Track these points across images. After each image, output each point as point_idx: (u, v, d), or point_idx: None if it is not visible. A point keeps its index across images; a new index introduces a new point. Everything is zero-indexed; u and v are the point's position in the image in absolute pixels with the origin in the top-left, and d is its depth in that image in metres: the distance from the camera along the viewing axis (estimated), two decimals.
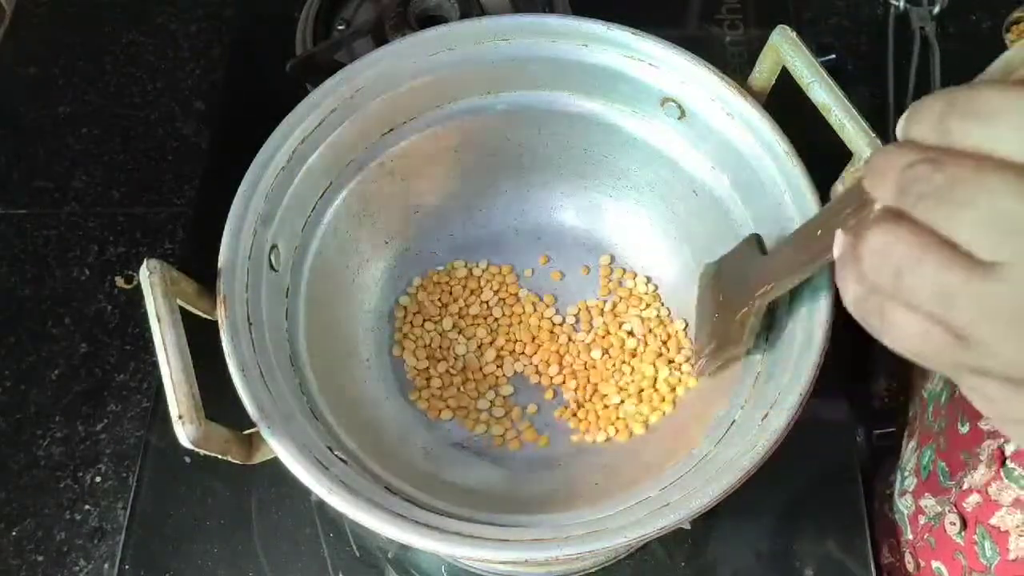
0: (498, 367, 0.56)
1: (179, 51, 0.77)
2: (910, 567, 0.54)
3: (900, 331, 0.26)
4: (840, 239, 0.29)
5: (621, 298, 0.57)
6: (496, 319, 0.58)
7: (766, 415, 0.40)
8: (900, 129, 0.27)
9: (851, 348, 0.61)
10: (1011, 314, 0.23)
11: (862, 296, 0.27)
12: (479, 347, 0.57)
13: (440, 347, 0.56)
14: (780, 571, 0.55)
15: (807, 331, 0.42)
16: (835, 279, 0.29)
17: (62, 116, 0.74)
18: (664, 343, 0.55)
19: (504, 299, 0.58)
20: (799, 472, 0.56)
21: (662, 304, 0.57)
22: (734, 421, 0.43)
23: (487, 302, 0.58)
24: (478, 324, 0.57)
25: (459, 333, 0.57)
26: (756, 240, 0.47)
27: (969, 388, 0.27)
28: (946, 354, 0.25)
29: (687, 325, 0.55)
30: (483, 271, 0.59)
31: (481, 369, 0.56)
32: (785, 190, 0.46)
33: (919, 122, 0.26)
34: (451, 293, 0.58)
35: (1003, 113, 0.24)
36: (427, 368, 0.55)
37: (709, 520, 0.57)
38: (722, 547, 0.56)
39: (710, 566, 0.56)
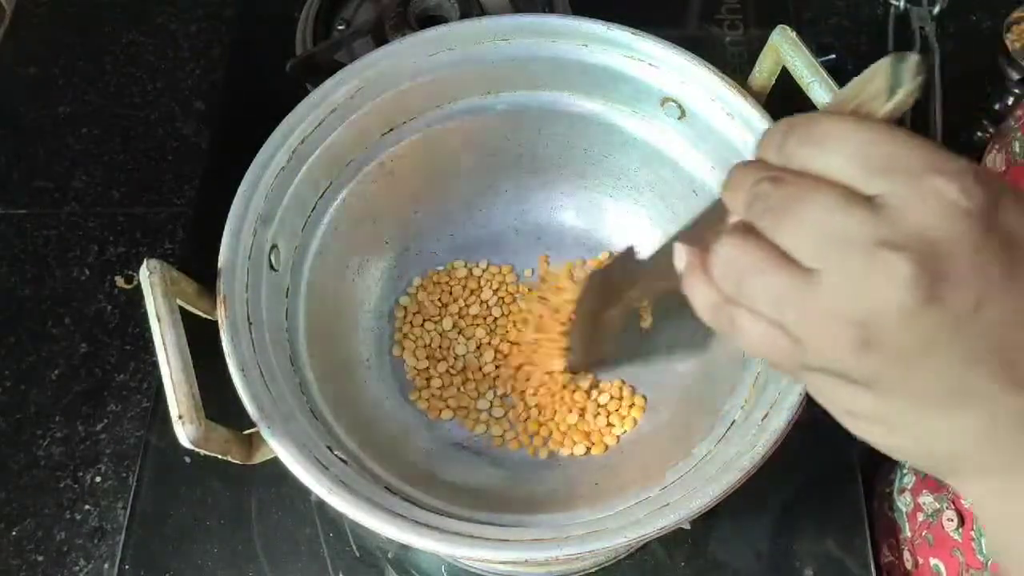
0: (498, 367, 0.56)
1: (179, 51, 0.77)
2: (908, 565, 0.54)
3: (748, 336, 0.29)
4: (680, 251, 0.32)
5: None
6: (496, 319, 0.58)
7: (766, 415, 0.40)
8: (757, 147, 0.30)
9: None
10: (827, 316, 0.26)
11: (713, 304, 0.30)
12: (479, 347, 0.57)
13: (440, 347, 0.56)
14: (780, 571, 0.55)
15: None
16: (684, 292, 0.32)
17: (62, 116, 0.74)
18: None
19: (504, 299, 0.58)
20: (799, 472, 0.56)
21: None
22: (734, 421, 0.43)
23: (487, 302, 0.58)
24: (478, 324, 0.57)
25: (459, 333, 0.57)
26: (630, 251, 0.49)
27: (809, 386, 0.30)
28: (787, 356, 0.28)
29: None
30: (483, 271, 0.59)
31: (481, 369, 0.56)
32: None
33: (767, 144, 0.29)
34: (451, 293, 0.58)
35: (832, 139, 0.27)
36: (427, 368, 0.55)
37: (709, 520, 0.57)
38: (722, 547, 0.56)
39: (710, 566, 0.56)
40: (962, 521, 0.48)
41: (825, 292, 0.26)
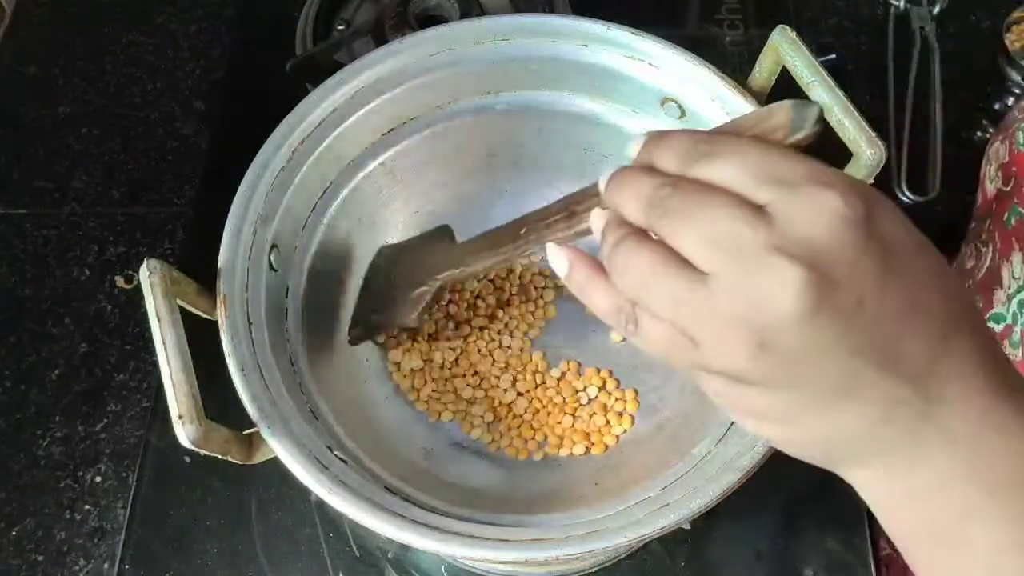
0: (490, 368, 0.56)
1: (179, 51, 0.77)
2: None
3: (648, 336, 0.30)
4: (560, 254, 0.34)
5: None
6: (491, 321, 0.57)
7: None
8: (639, 154, 0.32)
9: None
10: (721, 318, 0.27)
11: (614, 307, 0.31)
12: (471, 350, 0.56)
13: (437, 349, 0.56)
14: (780, 571, 0.55)
15: None
16: (578, 295, 0.33)
17: (62, 116, 0.74)
18: None
19: (502, 300, 0.58)
20: (799, 472, 0.56)
21: None
22: (734, 421, 0.43)
23: (485, 301, 0.58)
24: (475, 326, 0.57)
25: (456, 334, 0.57)
26: (447, 230, 0.52)
27: (705, 387, 0.31)
28: (685, 357, 0.29)
29: None
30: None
31: (476, 373, 0.56)
32: None
33: (665, 152, 0.30)
34: (448, 294, 0.58)
35: (731, 153, 0.29)
36: (423, 370, 0.55)
37: (709, 520, 0.57)
38: (722, 547, 0.56)
39: (710, 566, 0.56)
40: None
41: (719, 295, 0.27)
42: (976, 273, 0.48)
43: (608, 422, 0.53)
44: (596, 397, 0.54)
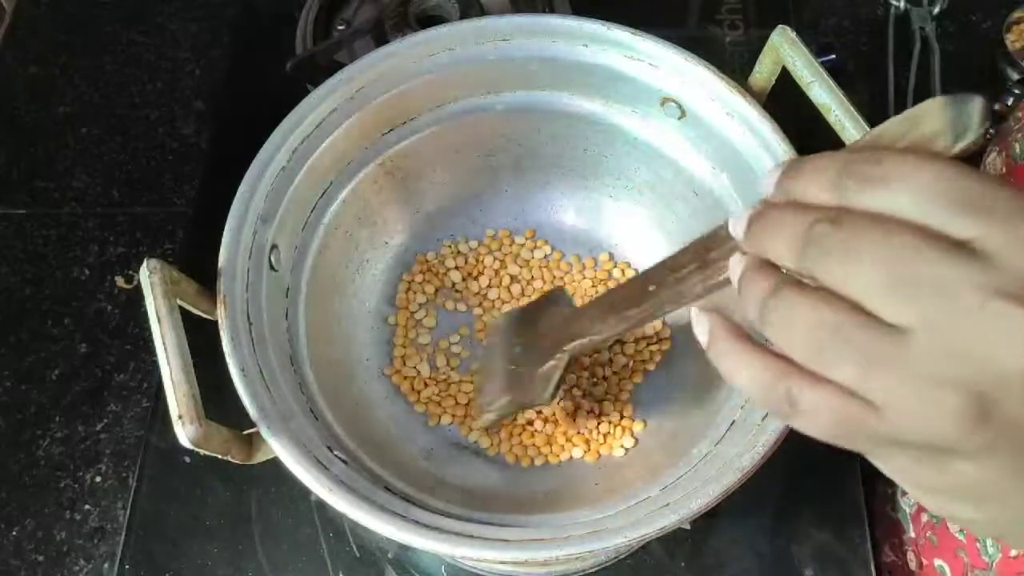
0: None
1: (179, 51, 0.77)
2: (912, 565, 0.54)
3: (813, 412, 0.25)
4: (703, 320, 0.28)
5: None
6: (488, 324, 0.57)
7: (766, 415, 0.40)
8: (778, 185, 0.26)
9: None
10: (923, 379, 0.23)
11: (766, 383, 0.26)
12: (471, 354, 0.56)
13: (436, 352, 0.56)
14: (780, 571, 0.55)
15: None
16: (718, 367, 0.28)
17: (62, 116, 0.74)
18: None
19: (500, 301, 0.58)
20: (799, 472, 0.56)
21: None
22: (734, 421, 0.43)
23: (486, 299, 0.58)
24: (476, 328, 0.57)
25: (457, 333, 0.57)
26: (562, 294, 0.48)
27: (883, 461, 0.26)
28: (861, 429, 0.24)
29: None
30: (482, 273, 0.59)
31: (476, 375, 0.56)
32: None
33: (812, 179, 0.25)
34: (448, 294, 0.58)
35: (900, 176, 0.24)
36: (424, 374, 0.55)
37: (709, 520, 0.57)
38: (722, 547, 0.56)
39: (710, 566, 0.56)
40: None
41: (921, 351, 0.22)
42: None
43: (611, 433, 0.53)
44: (601, 411, 0.54)
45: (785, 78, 0.47)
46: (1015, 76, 0.68)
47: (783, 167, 0.27)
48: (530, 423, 0.53)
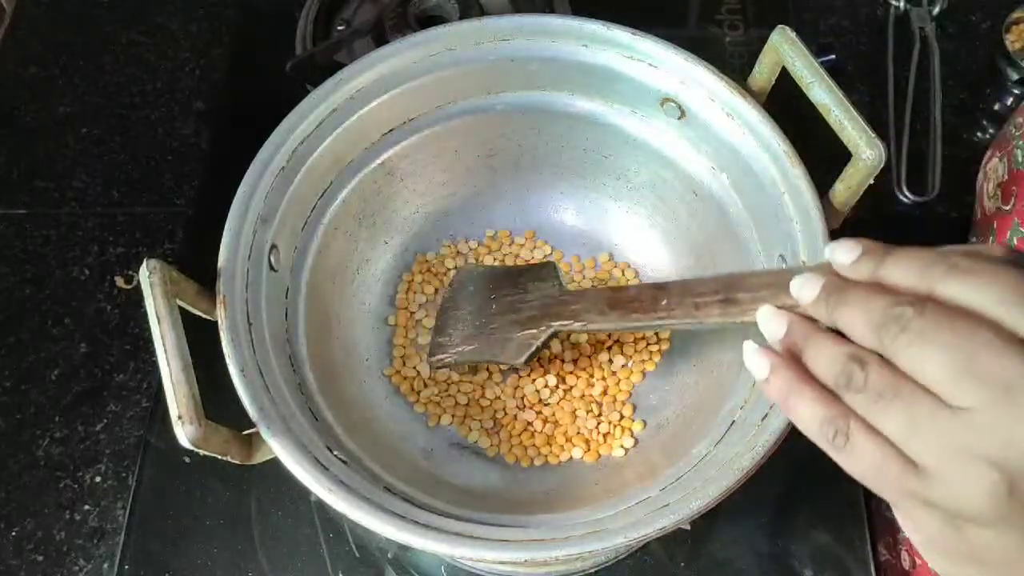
0: (490, 375, 0.56)
1: (179, 51, 0.77)
2: (906, 564, 0.54)
3: (860, 454, 0.28)
4: (761, 357, 0.31)
5: None
6: None
7: (766, 415, 0.40)
8: (859, 265, 0.30)
9: None
10: (966, 452, 0.26)
11: (822, 419, 0.29)
12: None
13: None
14: (780, 571, 0.55)
15: None
16: (775, 399, 0.31)
17: (62, 116, 0.74)
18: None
19: None
20: (799, 472, 0.56)
21: None
22: (734, 421, 0.43)
23: None
24: None
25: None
26: (554, 267, 0.49)
27: (906, 516, 0.29)
28: (898, 482, 0.27)
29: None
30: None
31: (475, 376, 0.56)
32: (784, 190, 0.46)
33: (899, 264, 0.29)
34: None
35: (988, 278, 0.27)
36: (424, 374, 0.55)
37: (709, 520, 0.57)
38: (722, 547, 0.56)
39: (710, 566, 0.56)
40: None
41: (972, 430, 0.25)
42: None
43: (610, 433, 0.53)
44: (600, 411, 0.54)
45: (785, 78, 0.47)
46: (1015, 76, 0.68)
47: (871, 245, 0.30)
48: (530, 423, 0.53)
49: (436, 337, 0.52)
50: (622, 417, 0.53)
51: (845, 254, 0.30)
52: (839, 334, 0.30)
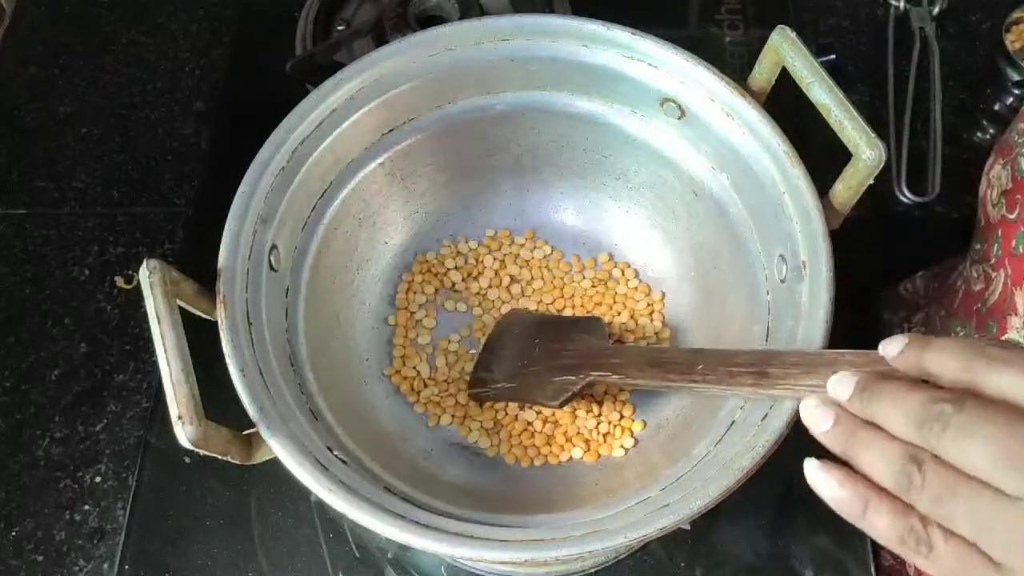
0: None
1: (179, 51, 0.77)
2: (911, 570, 0.54)
3: (942, 558, 0.29)
4: (831, 476, 0.32)
5: (616, 300, 0.57)
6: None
7: (766, 415, 0.40)
8: (904, 356, 0.31)
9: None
10: None
11: (902, 531, 0.30)
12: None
13: (436, 352, 0.56)
14: (780, 572, 0.55)
15: (808, 332, 0.42)
16: (849, 516, 0.31)
17: (62, 116, 0.74)
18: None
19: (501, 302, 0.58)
20: (799, 472, 0.56)
21: (660, 306, 0.57)
22: (734, 421, 0.43)
23: (485, 299, 0.58)
24: (475, 328, 0.57)
25: (456, 334, 0.57)
26: (600, 323, 0.51)
27: None
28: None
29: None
30: (481, 272, 0.59)
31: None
32: (784, 190, 0.46)
33: (939, 357, 0.30)
34: (447, 290, 0.58)
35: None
36: (424, 374, 0.55)
37: (709, 520, 0.56)
38: (722, 547, 0.56)
39: (710, 566, 0.56)
40: None
41: None
42: (987, 297, 0.48)
43: (610, 433, 0.53)
44: (601, 412, 0.54)
45: (785, 78, 0.47)
46: (1015, 76, 0.68)
47: (915, 339, 0.31)
48: (530, 423, 0.53)
49: (479, 371, 0.53)
50: (622, 417, 0.53)
51: (894, 347, 0.32)
52: None
